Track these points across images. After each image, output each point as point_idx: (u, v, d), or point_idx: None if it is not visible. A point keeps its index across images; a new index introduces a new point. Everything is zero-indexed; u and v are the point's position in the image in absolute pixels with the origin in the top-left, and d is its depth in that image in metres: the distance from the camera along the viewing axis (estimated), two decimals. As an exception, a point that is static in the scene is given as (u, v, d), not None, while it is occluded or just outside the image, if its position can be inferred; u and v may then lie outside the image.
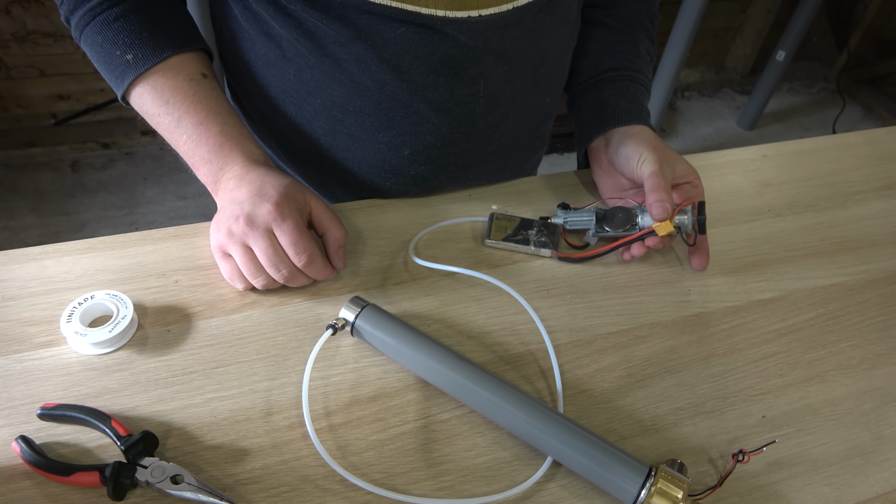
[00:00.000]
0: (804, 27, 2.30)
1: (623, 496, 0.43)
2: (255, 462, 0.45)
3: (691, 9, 1.85)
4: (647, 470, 0.43)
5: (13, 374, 0.48)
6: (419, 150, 0.64)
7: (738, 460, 0.47)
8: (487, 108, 0.63)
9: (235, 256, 0.53)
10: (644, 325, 0.58)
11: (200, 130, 0.56)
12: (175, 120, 0.56)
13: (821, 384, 0.55)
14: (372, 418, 0.48)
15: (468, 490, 0.45)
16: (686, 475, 0.44)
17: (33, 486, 0.42)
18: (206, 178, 0.58)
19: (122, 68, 0.56)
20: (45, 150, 2.10)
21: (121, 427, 0.44)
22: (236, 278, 0.55)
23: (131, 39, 0.56)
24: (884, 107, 2.79)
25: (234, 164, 0.56)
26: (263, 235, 0.52)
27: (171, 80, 0.56)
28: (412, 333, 0.51)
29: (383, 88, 0.59)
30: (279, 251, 0.52)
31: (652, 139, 0.62)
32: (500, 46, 0.59)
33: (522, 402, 0.47)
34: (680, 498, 0.42)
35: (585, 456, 0.44)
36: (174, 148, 0.59)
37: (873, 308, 0.62)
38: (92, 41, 0.57)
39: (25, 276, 0.56)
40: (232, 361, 0.51)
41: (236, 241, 0.52)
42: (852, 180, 0.78)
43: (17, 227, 1.89)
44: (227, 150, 0.57)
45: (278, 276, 0.53)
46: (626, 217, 0.61)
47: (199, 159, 0.57)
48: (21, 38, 1.91)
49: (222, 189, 0.56)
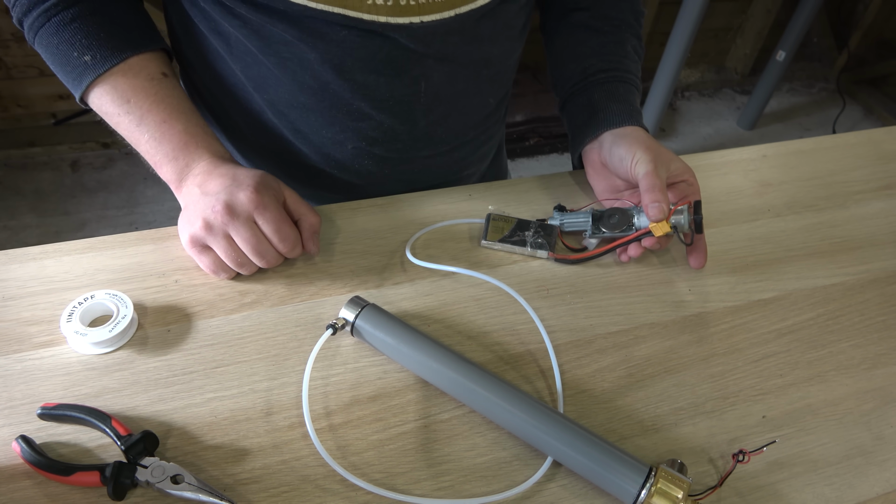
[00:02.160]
0: (804, 27, 2.30)
1: (623, 496, 0.43)
2: (255, 462, 0.45)
3: (691, 9, 1.85)
4: (648, 470, 0.43)
5: (13, 374, 0.48)
6: (362, 147, 0.66)
7: (739, 460, 0.46)
8: (428, 108, 0.65)
9: (217, 248, 0.53)
10: (644, 325, 0.58)
11: (164, 128, 0.56)
12: (136, 119, 0.56)
13: (821, 384, 0.55)
14: (372, 418, 0.48)
15: (468, 490, 0.45)
16: (686, 475, 0.44)
17: (33, 486, 0.42)
18: (170, 175, 0.57)
19: (80, 69, 0.55)
20: (44, 149, 2.10)
21: (121, 427, 0.44)
22: (220, 269, 0.55)
23: (89, 41, 0.55)
24: (884, 107, 2.79)
25: (200, 161, 0.56)
26: (246, 224, 0.52)
27: (132, 80, 0.56)
28: (412, 333, 0.51)
29: (326, 87, 0.60)
30: (262, 239, 0.53)
31: (645, 139, 0.62)
32: (441, 51, 0.60)
33: (522, 401, 0.47)
34: (680, 498, 0.42)
35: (585, 456, 0.44)
36: (134, 147, 0.58)
37: (873, 308, 0.62)
38: (48, 42, 0.56)
39: (25, 275, 0.56)
40: (232, 361, 0.51)
41: (216, 231, 0.52)
42: (852, 180, 0.78)
43: (17, 226, 1.89)
44: (192, 148, 0.56)
45: (262, 263, 0.54)
46: (622, 218, 0.61)
47: (163, 157, 0.56)
48: (21, 37, 1.90)
49: (188, 185, 0.56)
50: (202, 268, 0.56)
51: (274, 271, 0.58)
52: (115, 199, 2.01)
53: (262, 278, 0.57)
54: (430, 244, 0.63)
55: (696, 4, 1.83)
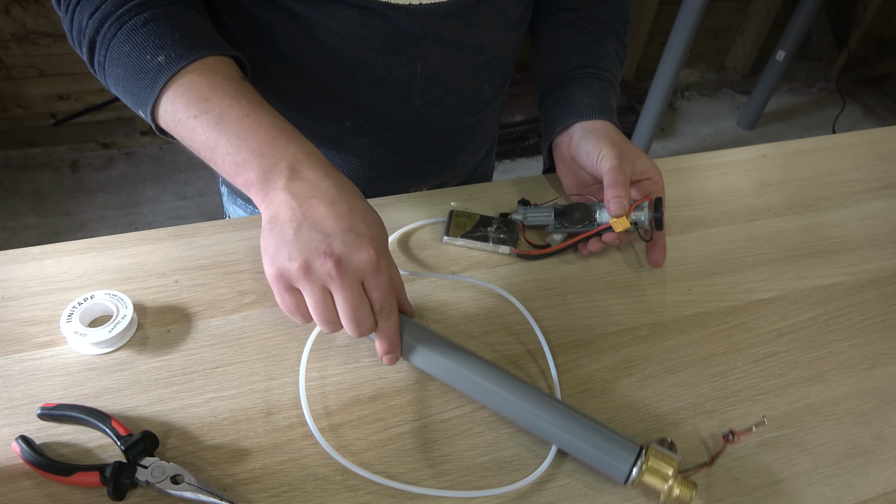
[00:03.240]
0: (804, 27, 2.30)
1: (615, 475, 0.44)
2: (255, 462, 0.45)
3: (691, 9, 1.85)
4: (638, 449, 0.44)
5: (13, 374, 0.48)
6: (359, 123, 0.68)
7: (728, 440, 0.48)
8: (424, 89, 0.66)
9: (308, 298, 0.45)
10: (644, 325, 0.58)
11: (248, 122, 0.48)
12: (216, 117, 0.48)
13: (821, 384, 0.55)
14: (372, 418, 0.48)
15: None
16: (676, 453, 0.45)
17: (33, 486, 0.42)
18: (255, 175, 0.47)
19: (154, 73, 0.49)
20: (44, 150, 2.10)
21: (121, 427, 0.44)
22: (298, 315, 0.47)
23: (163, 41, 0.50)
24: (884, 107, 2.79)
25: (289, 158, 0.47)
26: (353, 287, 0.44)
27: (210, 79, 0.49)
28: (403, 319, 0.50)
29: (326, 62, 0.62)
30: (367, 307, 0.46)
31: (613, 135, 0.63)
32: (437, 33, 0.62)
33: (516, 385, 0.47)
34: (670, 475, 0.43)
35: (578, 437, 0.45)
36: (207, 154, 0.49)
37: (873, 308, 0.62)
38: (118, 54, 0.50)
39: (25, 276, 0.56)
40: (232, 361, 0.51)
41: (314, 281, 0.44)
42: (852, 180, 0.78)
43: (17, 227, 1.89)
44: (281, 143, 0.48)
45: (354, 333, 0.46)
46: (584, 213, 0.62)
47: (248, 154, 0.47)
48: (21, 38, 1.91)
49: (278, 189, 0.46)
50: (278, 303, 0.47)
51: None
52: (115, 199, 2.01)
53: (262, 278, 0.57)
54: (430, 244, 0.63)
55: (695, 4, 1.83)
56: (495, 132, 0.86)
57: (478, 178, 0.89)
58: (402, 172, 0.74)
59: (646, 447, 0.44)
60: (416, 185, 0.77)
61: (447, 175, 0.79)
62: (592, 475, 0.47)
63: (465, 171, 0.81)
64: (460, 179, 0.83)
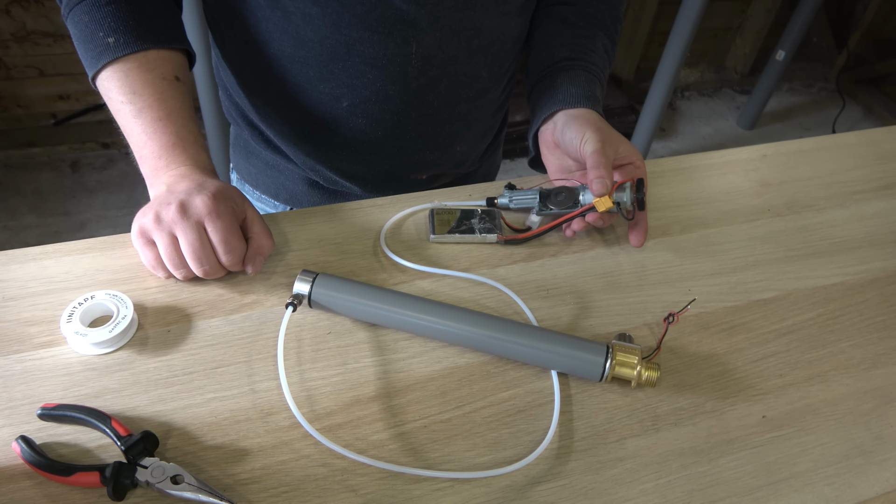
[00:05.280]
0: (804, 27, 2.30)
1: (592, 374, 0.50)
2: (255, 462, 0.45)
3: (691, 9, 1.85)
4: (606, 348, 0.51)
5: (13, 374, 0.48)
6: (356, 103, 0.69)
7: (669, 322, 0.54)
8: (419, 70, 0.67)
9: (160, 244, 0.52)
10: (644, 325, 0.58)
11: (158, 126, 0.57)
12: (136, 110, 0.57)
13: (821, 384, 0.55)
14: (372, 418, 0.48)
15: (468, 490, 0.45)
16: (633, 343, 0.52)
17: (33, 486, 0.42)
18: (148, 169, 0.57)
19: (101, 49, 0.57)
20: (44, 150, 2.10)
21: (121, 427, 0.44)
22: (158, 267, 0.54)
23: (117, 24, 0.57)
24: (884, 107, 2.79)
25: (180, 165, 0.57)
26: (194, 227, 0.51)
27: (145, 74, 0.58)
28: (368, 287, 0.53)
29: (323, 41, 0.64)
30: (206, 246, 0.52)
31: (596, 121, 0.64)
32: (432, 13, 0.63)
33: (491, 321, 0.52)
34: (636, 362, 0.50)
35: (553, 352, 0.51)
36: (124, 134, 0.59)
37: (873, 308, 0.62)
38: (78, 20, 0.58)
39: (25, 276, 0.56)
40: (232, 361, 0.51)
41: (163, 228, 0.52)
42: (852, 180, 0.78)
43: (17, 227, 1.89)
44: (178, 151, 0.57)
45: (199, 271, 0.53)
46: (568, 195, 0.63)
47: (149, 152, 0.57)
48: (21, 38, 1.91)
49: (160, 182, 0.56)
50: (143, 262, 0.54)
51: (274, 272, 0.58)
52: (115, 199, 2.01)
53: (262, 278, 0.58)
54: (428, 244, 0.63)
55: (695, 4, 1.83)
56: (499, 128, 0.86)
57: (481, 176, 0.89)
58: (400, 159, 0.75)
59: (610, 345, 0.51)
60: (415, 172, 0.78)
61: (446, 164, 0.79)
62: (592, 475, 0.47)
63: (465, 162, 0.82)
64: (462, 171, 0.83)
